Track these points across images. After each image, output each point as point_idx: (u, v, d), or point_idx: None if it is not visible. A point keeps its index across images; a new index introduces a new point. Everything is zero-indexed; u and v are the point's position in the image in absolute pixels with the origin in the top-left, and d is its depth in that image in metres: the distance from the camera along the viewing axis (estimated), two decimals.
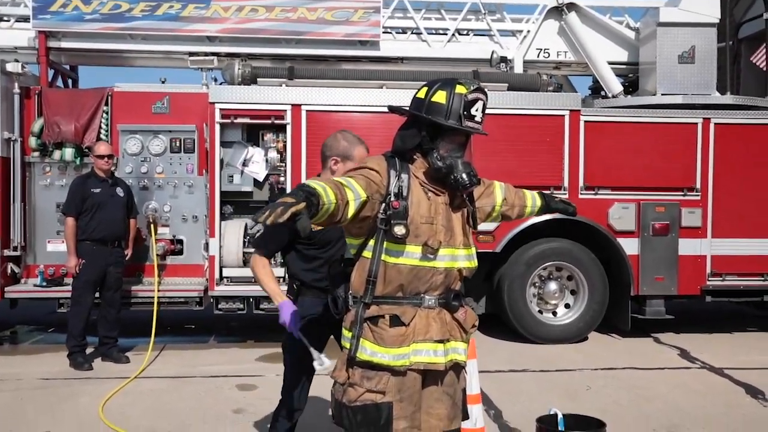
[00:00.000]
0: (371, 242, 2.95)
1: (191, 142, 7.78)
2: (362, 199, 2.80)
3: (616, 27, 8.80)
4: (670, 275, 8.02)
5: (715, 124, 8.10)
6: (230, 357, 7.31)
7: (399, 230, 2.84)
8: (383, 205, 2.90)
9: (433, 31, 8.83)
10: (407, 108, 3.09)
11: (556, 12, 8.75)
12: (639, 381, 6.40)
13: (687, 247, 8.04)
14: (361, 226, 2.91)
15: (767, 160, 8.20)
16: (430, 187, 3.00)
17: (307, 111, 7.58)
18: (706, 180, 8.09)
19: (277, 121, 7.57)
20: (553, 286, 8.03)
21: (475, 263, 3.09)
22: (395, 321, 2.93)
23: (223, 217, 7.67)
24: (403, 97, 7.67)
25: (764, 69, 8.76)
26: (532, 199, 3.58)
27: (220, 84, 8.14)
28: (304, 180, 7.47)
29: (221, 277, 7.57)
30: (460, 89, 2.95)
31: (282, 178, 7.65)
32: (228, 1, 8.31)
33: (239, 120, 7.60)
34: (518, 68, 8.57)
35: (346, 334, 3.04)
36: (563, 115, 7.90)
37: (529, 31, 8.72)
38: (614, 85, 8.59)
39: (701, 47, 8.24)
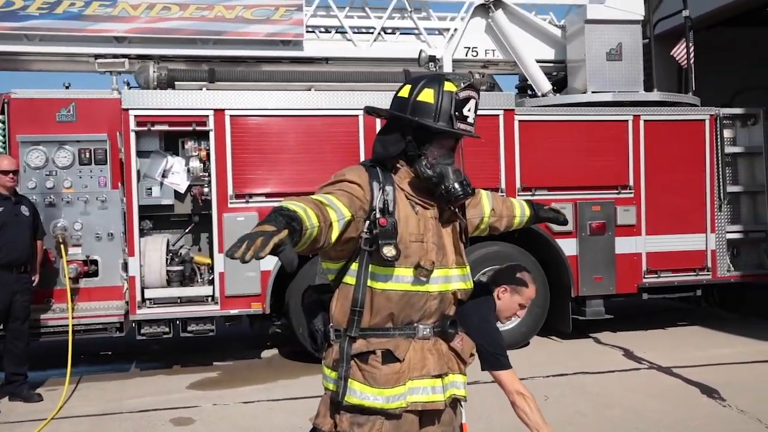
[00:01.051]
0: (353, 266, 2.55)
1: (103, 152, 7.06)
2: (346, 219, 2.40)
3: (543, 25, 8.68)
4: (609, 275, 7.95)
5: (644, 121, 8.10)
6: (158, 386, 6.69)
7: (388, 251, 2.45)
8: (367, 222, 2.51)
9: (359, 30, 8.45)
10: (387, 109, 2.71)
11: (483, 9, 8.55)
12: (593, 387, 6.24)
13: (623, 245, 8.00)
14: (342, 249, 2.50)
15: (694, 155, 8.28)
16: (417, 200, 2.63)
17: (231, 116, 7.04)
18: (638, 177, 8.08)
19: (198, 128, 7.00)
20: None
21: (470, 284, 2.74)
22: (388, 357, 2.54)
23: (142, 233, 7.03)
24: (332, 99, 7.30)
25: (684, 65, 8.84)
26: (521, 208, 3.26)
27: (134, 88, 7.48)
28: (230, 191, 6.97)
29: (143, 299, 6.93)
30: (449, 86, 2.60)
31: (206, 189, 7.08)
32: None
33: (156, 127, 6.98)
34: (447, 67, 8.31)
35: (329, 374, 2.62)
36: (498, 115, 7.70)
37: (456, 30, 8.47)
38: (543, 83, 8.47)
39: (628, 44, 8.23)
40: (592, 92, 8.11)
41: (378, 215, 2.51)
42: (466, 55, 8.57)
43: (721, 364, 6.93)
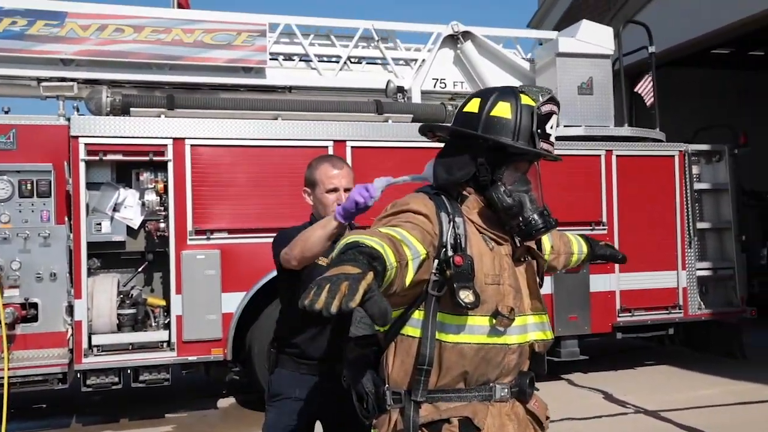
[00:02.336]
0: (417, 315, 2.13)
1: (47, 184, 6.37)
2: (422, 257, 1.98)
3: (512, 57, 8.49)
4: (584, 314, 7.69)
5: (616, 156, 7.96)
6: None
7: (466, 297, 2.03)
8: (436, 262, 2.09)
9: (324, 59, 8.07)
10: (453, 127, 2.31)
11: (452, 41, 8.31)
12: None
13: (598, 283, 7.77)
14: (405, 294, 2.07)
15: (664, 191, 8.18)
16: (490, 234, 2.22)
17: (192, 145, 6.50)
18: (611, 213, 7.90)
19: (156, 158, 6.43)
20: None
21: (550, 334, 2.33)
22: (467, 427, 2.10)
23: (90, 273, 6.36)
24: (301, 129, 6.85)
25: (650, 102, 8.79)
26: (578, 245, 2.89)
27: (83, 115, 6.85)
28: (190, 227, 6.41)
29: (90, 346, 6.24)
30: (526, 100, 2.22)
31: (162, 225, 6.49)
32: (87, 19, 7.06)
33: (109, 157, 6.38)
34: (416, 98, 7.99)
35: None
36: None
37: (424, 60, 8.19)
38: None
39: (598, 78, 8.11)
40: (564, 126, 7.93)
41: (450, 252, 2.09)
42: (435, 87, 8.29)
43: (704, 407, 6.72)
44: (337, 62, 7.99)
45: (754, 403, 6.86)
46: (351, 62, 8.12)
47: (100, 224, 6.44)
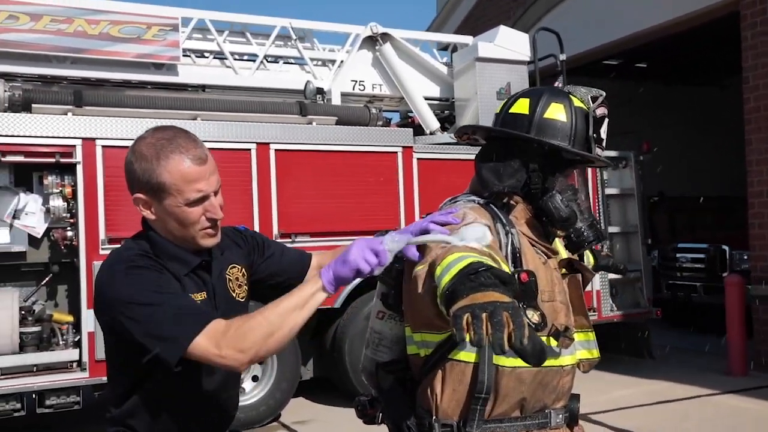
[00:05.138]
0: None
1: None
2: None
3: (430, 61, 8.40)
4: None
5: None
6: None
7: (533, 317, 1.83)
8: None
9: (239, 57, 7.66)
10: (504, 129, 2.12)
11: (371, 42, 8.10)
12: None
13: None
14: None
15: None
16: (542, 246, 2.05)
17: (104, 146, 5.97)
18: None
19: (63, 160, 5.84)
20: None
21: (597, 353, 2.18)
22: None
23: None
24: (221, 131, 6.46)
25: None
26: (586, 255, 2.76)
27: None
28: (102, 235, 5.87)
29: None
30: (577, 102, 2.08)
31: (70, 233, 5.91)
32: None
33: (8, 158, 5.74)
34: (335, 100, 7.73)
35: None
36: (396, 152, 7.26)
37: (342, 61, 7.94)
38: (432, 121, 8.14)
39: (516, 84, 8.14)
40: None
41: (510, 268, 1.90)
42: (353, 89, 8.05)
43: (625, 408, 6.89)
44: (254, 61, 7.60)
45: (669, 401, 7.10)
46: (268, 61, 7.75)
47: None
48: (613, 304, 8.49)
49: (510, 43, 8.16)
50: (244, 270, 2.19)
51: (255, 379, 6.70)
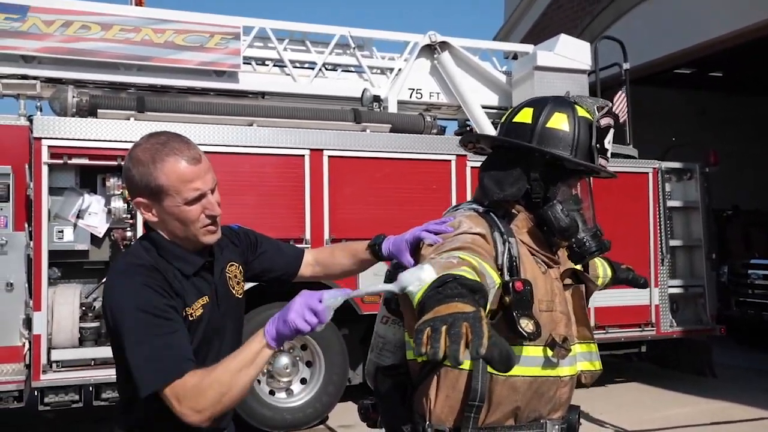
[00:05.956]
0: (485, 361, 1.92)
1: (5, 187, 5.94)
2: (497, 287, 1.79)
3: (488, 69, 8.39)
4: None
5: None
6: None
7: (527, 326, 1.84)
8: None
9: (298, 65, 7.83)
10: (506, 138, 2.13)
11: (429, 50, 8.16)
12: None
13: None
14: None
15: (637, 208, 8.16)
16: (542, 256, 2.04)
17: None
18: None
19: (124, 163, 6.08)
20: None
21: (599, 365, 2.16)
22: None
23: (50, 283, 5.97)
24: (277, 137, 6.60)
25: (623, 118, 8.79)
26: (603, 268, 2.73)
27: (47, 115, 6.45)
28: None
29: (49, 362, 5.84)
30: (582, 112, 2.07)
31: (129, 233, 6.14)
32: (51, 14, 6.69)
33: (74, 161, 6.02)
34: (392, 108, 7.81)
35: None
36: (450, 160, 7.26)
37: (400, 70, 8.02)
38: (489, 129, 8.11)
39: (575, 93, 7.99)
40: None
41: (506, 276, 1.91)
42: (410, 97, 8.12)
43: (680, 427, 6.68)
44: (312, 69, 7.76)
45: (727, 423, 6.84)
46: (326, 69, 7.90)
47: (62, 232, 6.06)
48: (673, 319, 8.25)
49: (570, 51, 8.07)
50: (241, 267, 2.28)
51: (303, 381, 6.82)
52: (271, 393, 6.73)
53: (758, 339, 10.87)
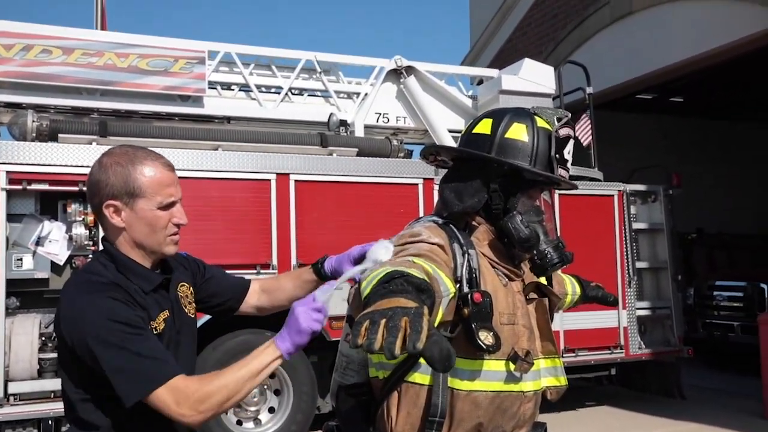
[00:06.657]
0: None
1: None
2: (450, 295, 1.76)
3: (455, 94, 8.44)
4: None
5: (559, 194, 7.93)
6: None
7: (486, 338, 1.81)
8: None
9: (264, 89, 7.79)
10: (464, 149, 2.11)
11: (395, 75, 8.19)
12: None
13: None
14: None
15: (603, 230, 8.22)
16: (504, 268, 2.01)
17: None
18: None
19: (86, 189, 5.96)
20: None
21: (564, 381, 2.13)
22: None
23: (8, 312, 5.80)
24: (242, 161, 6.54)
25: (587, 142, 8.89)
26: (572, 285, 2.71)
27: (5, 140, 6.31)
28: None
29: (6, 395, 5.65)
30: (542, 123, 2.05)
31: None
32: (11, 38, 6.58)
33: (34, 186, 5.88)
34: (359, 132, 7.80)
35: None
36: (417, 184, 7.25)
37: (367, 94, 8.02)
38: None
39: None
40: None
41: (465, 288, 1.87)
42: (377, 121, 8.12)
43: None
44: (278, 93, 7.73)
45: None
46: (292, 93, 7.88)
47: (21, 259, 5.89)
48: (642, 341, 8.29)
49: (534, 75, 8.16)
50: (191, 288, 2.28)
51: (271, 410, 6.68)
52: (239, 423, 6.58)
53: (725, 360, 10.96)
